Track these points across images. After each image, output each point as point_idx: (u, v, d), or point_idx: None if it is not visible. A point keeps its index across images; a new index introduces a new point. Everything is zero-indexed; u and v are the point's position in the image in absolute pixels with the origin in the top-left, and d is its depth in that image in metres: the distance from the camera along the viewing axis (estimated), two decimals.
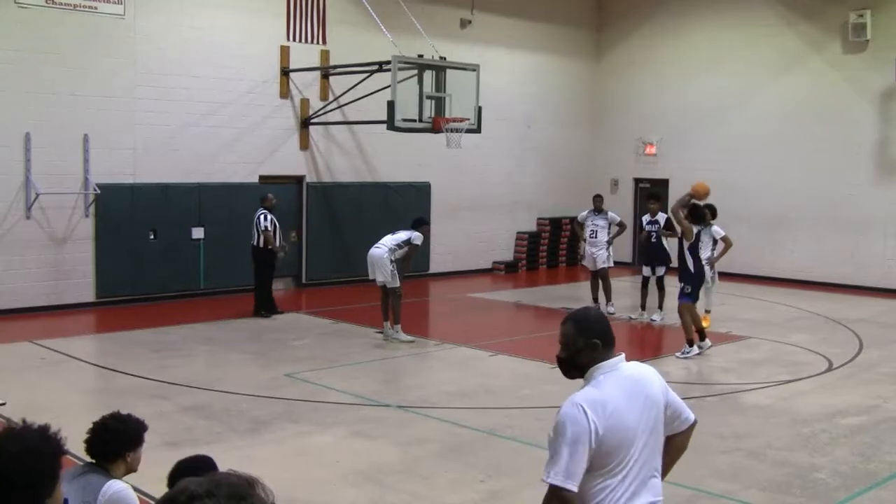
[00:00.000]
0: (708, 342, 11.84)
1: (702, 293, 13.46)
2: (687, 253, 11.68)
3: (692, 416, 3.68)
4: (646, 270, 14.51)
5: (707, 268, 13.19)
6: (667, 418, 3.55)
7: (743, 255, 19.06)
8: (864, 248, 18.10)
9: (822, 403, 9.57)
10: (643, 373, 3.57)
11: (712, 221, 13.34)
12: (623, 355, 3.52)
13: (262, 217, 14.09)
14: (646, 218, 14.72)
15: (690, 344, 11.65)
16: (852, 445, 8.17)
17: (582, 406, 3.30)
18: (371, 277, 12.65)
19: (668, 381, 3.66)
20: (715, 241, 13.14)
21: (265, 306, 14.21)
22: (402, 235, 12.51)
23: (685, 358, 11.55)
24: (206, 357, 11.61)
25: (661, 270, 14.31)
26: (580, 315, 3.59)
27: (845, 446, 8.13)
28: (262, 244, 14.04)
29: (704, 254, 13.09)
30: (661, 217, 14.37)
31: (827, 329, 13.98)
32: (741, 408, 9.50)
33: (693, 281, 11.72)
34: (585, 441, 3.26)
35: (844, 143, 18.25)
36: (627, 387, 3.43)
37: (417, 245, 12.52)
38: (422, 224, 12.80)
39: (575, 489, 3.26)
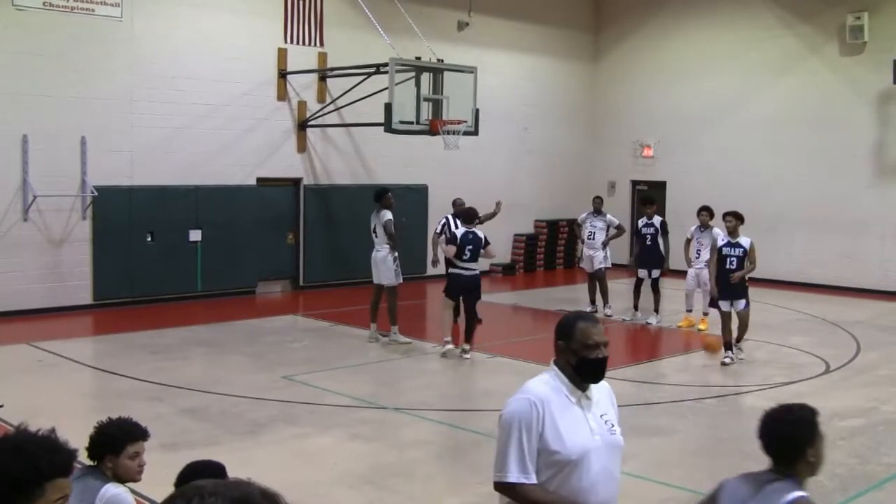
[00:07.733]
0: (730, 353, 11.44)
1: (698, 296, 13.60)
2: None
3: None
4: (642, 273, 14.42)
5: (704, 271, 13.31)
6: None
7: None
8: (861, 250, 18.10)
9: (820, 406, 9.37)
10: None
11: (711, 224, 13.39)
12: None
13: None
14: (642, 221, 14.54)
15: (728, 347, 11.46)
16: (849, 448, 8.17)
17: None
18: (376, 281, 12.63)
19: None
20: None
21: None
22: (380, 227, 12.38)
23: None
24: (203, 359, 11.60)
25: (656, 273, 14.19)
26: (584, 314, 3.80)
27: (842, 448, 8.13)
28: None
29: (703, 257, 13.20)
30: (657, 220, 14.37)
31: (824, 331, 13.99)
32: (739, 410, 9.50)
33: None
34: None
35: (842, 145, 18.26)
36: None
37: (391, 219, 12.31)
38: (381, 198, 12.45)
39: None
